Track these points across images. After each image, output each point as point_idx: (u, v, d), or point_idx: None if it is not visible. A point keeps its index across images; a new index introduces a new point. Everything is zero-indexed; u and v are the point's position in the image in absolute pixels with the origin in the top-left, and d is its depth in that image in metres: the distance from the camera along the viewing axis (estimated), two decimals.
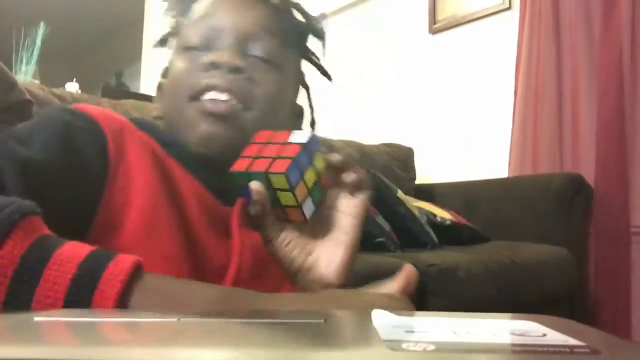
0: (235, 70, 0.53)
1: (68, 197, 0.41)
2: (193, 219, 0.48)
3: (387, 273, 0.42)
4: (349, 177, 0.48)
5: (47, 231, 0.34)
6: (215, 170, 0.50)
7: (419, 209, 1.74)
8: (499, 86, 2.20)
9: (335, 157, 0.49)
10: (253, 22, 0.56)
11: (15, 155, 0.39)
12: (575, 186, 1.77)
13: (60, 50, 5.04)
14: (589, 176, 1.81)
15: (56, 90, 1.46)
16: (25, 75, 2.27)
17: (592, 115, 1.85)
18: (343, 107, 2.75)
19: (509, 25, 2.19)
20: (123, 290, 0.31)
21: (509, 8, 2.21)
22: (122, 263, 0.32)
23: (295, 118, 0.63)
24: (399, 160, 2.17)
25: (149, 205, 0.45)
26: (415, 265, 0.43)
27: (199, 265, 0.46)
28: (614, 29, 1.82)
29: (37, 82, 2.13)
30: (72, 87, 3.01)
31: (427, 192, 2.10)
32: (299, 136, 0.48)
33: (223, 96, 0.52)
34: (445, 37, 2.44)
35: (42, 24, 2.32)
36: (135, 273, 0.33)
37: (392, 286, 0.41)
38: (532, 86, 2.02)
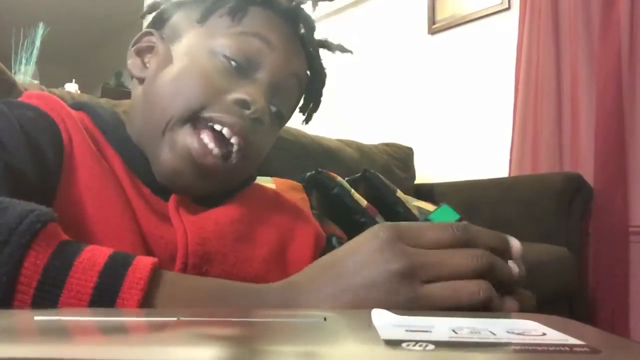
0: (258, 121, 0.50)
1: (36, 196, 0.39)
2: (136, 209, 0.48)
3: None
4: None
5: (64, 236, 0.34)
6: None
7: (419, 208, 1.74)
8: (499, 86, 2.20)
9: None
10: (293, 72, 0.54)
11: None
12: (575, 186, 1.77)
13: (59, 51, 5.04)
14: (588, 176, 1.81)
15: (55, 91, 1.46)
16: (25, 75, 2.27)
17: (591, 115, 1.85)
18: (343, 106, 2.75)
19: (508, 26, 2.19)
20: (144, 298, 0.32)
21: (509, 8, 2.21)
22: (140, 270, 0.32)
23: None
24: (399, 160, 2.17)
25: (98, 193, 0.46)
26: None
27: (151, 253, 0.47)
28: (613, 29, 1.82)
29: (36, 82, 2.12)
30: (72, 87, 3.01)
31: (427, 192, 2.09)
32: None
33: (233, 139, 0.49)
34: (444, 38, 2.44)
35: (41, 24, 2.32)
36: (154, 278, 0.33)
37: None
38: (532, 86, 2.02)
